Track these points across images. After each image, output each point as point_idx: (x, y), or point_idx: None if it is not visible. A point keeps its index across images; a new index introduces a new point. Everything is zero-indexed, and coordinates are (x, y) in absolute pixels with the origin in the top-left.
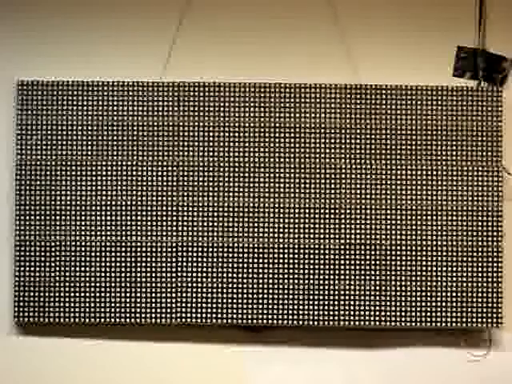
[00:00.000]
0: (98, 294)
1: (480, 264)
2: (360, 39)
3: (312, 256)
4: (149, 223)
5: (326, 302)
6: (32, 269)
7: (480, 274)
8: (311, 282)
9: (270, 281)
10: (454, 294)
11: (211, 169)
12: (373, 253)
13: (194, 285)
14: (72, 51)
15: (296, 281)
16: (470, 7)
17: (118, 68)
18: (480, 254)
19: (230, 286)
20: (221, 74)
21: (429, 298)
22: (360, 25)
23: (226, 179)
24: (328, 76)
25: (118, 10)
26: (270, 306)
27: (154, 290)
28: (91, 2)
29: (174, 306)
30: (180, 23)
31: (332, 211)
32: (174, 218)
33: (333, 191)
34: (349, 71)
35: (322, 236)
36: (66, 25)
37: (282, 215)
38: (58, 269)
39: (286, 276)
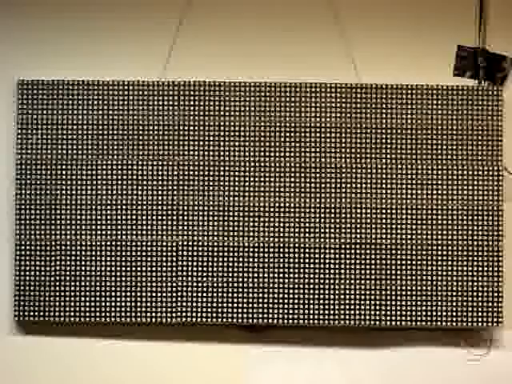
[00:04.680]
0: (98, 294)
1: (480, 264)
2: (360, 39)
3: (312, 256)
4: (149, 223)
5: (326, 302)
6: (32, 268)
7: (480, 274)
8: (311, 281)
9: (270, 280)
10: (455, 294)
11: (211, 169)
12: (373, 253)
13: (194, 284)
14: (72, 51)
15: (296, 280)
16: (469, 7)
17: (118, 68)
18: (480, 254)
19: (230, 285)
20: (221, 73)
21: (429, 298)
22: (360, 25)
23: (226, 179)
24: (328, 76)
25: (118, 10)
26: (270, 306)
27: (154, 289)
28: (91, 2)
29: (174, 305)
30: (180, 23)
31: (332, 211)
32: (175, 218)
33: (333, 191)
34: (349, 71)
35: (322, 236)
36: (66, 25)
37: (282, 215)
38: (58, 268)
39: (285, 276)
